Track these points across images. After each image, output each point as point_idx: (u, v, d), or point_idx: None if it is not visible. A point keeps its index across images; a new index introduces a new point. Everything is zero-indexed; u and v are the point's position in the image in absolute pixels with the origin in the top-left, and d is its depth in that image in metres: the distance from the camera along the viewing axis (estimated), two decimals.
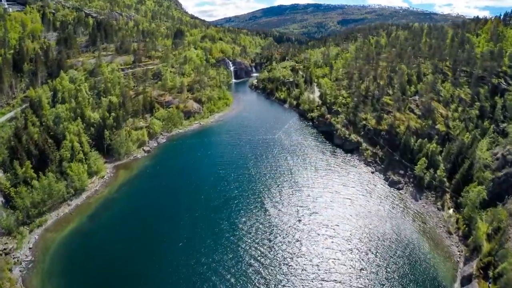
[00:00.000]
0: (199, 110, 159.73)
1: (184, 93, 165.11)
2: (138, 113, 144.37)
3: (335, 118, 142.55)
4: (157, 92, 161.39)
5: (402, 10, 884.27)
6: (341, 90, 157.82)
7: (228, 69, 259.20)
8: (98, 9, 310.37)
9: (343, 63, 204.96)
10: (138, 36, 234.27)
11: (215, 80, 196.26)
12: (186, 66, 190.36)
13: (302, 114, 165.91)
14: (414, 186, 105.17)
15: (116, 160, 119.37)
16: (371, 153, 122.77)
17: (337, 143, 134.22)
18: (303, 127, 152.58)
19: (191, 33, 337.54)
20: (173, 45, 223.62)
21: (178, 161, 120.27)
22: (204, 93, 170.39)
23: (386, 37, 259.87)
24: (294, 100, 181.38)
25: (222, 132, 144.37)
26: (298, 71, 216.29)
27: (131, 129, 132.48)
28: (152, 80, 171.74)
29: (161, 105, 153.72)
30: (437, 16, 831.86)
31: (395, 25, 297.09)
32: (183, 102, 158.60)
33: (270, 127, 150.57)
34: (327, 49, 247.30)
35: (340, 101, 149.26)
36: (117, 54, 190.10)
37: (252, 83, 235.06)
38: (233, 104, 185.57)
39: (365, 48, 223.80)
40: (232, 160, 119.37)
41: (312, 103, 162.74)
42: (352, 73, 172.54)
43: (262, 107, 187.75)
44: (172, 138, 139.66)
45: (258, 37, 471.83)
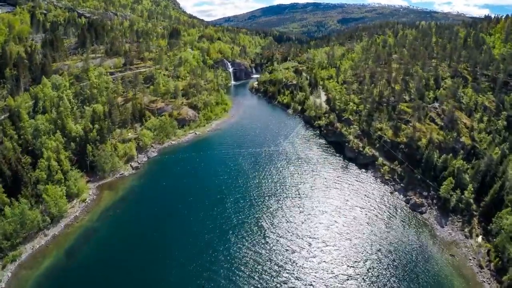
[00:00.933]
0: (194, 118, 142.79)
1: (178, 99, 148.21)
2: (126, 122, 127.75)
3: (346, 127, 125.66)
4: (148, 98, 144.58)
5: (402, 8, 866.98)
6: (351, 95, 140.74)
7: (227, 70, 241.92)
8: (92, 9, 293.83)
9: (350, 64, 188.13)
10: (132, 36, 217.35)
11: (212, 83, 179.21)
12: (181, 69, 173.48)
13: (308, 121, 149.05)
14: (438, 208, 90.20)
15: (101, 179, 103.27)
16: (388, 169, 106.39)
17: (349, 156, 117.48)
18: (309, 137, 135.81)
19: (189, 32, 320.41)
20: (168, 46, 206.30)
21: (169, 181, 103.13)
22: (200, 98, 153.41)
23: (393, 36, 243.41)
24: (298, 105, 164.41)
25: (220, 144, 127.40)
26: (302, 73, 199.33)
27: (117, 142, 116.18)
28: (143, 84, 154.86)
29: (153, 113, 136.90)
30: (437, 14, 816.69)
31: (401, 24, 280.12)
32: (177, 109, 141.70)
33: (273, 137, 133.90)
34: (331, 49, 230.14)
35: (351, 108, 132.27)
36: (106, 56, 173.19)
37: (253, 86, 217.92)
38: (232, 109, 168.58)
39: (373, 48, 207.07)
40: (231, 179, 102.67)
41: (319, 109, 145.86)
42: (362, 76, 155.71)
43: (264, 112, 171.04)
44: (164, 151, 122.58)
45: (258, 36, 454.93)
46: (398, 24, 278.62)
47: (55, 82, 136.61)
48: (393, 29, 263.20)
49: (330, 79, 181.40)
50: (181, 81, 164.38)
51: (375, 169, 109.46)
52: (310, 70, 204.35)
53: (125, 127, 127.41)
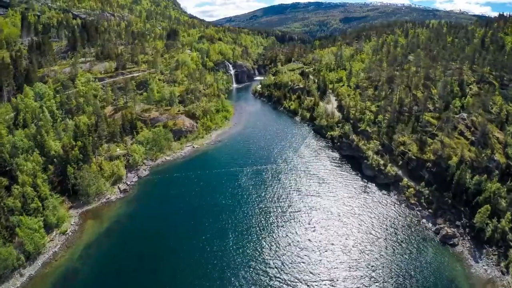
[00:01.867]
0: (192, 128, 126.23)
1: (174, 107, 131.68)
2: (115, 136, 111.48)
3: (364, 141, 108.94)
4: (141, 106, 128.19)
5: (405, 7, 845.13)
6: (367, 102, 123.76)
7: (228, 73, 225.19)
8: (87, 10, 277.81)
9: (362, 66, 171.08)
10: (127, 38, 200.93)
11: (212, 88, 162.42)
12: (178, 72, 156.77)
13: (318, 131, 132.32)
14: (472, 239, 75.75)
15: (84, 204, 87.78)
16: (414, 191, 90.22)
17: (368, 174, 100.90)
18: (321, 149, 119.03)
19: (189, 33, 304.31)
20: (165, 48, 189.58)
21: (161, 208, 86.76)
22: (199, 106, 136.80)
23: (403, 35, 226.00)
24: (306, 112, 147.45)
25: (220, 160, 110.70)
26: (309, 75, 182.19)
27: (104, 161, 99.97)
28: (136, 91, 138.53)
29: (145, 124, 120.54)
30: (440, 12, 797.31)
31: (410, 22, 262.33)
32: (173, 119, 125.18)
33: (281, 150, 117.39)
34: (338, 49, 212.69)
35: (368, 118, 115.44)
36: (97, 60, 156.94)
37: (256, 89, 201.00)
38: (234, 117, 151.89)
39: (384, 48, 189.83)
40: (233, 206, 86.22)
41: (330, 117, 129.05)
42: (377, 80, 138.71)
43: (269, 120, 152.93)
44: (157, 169, 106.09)
45: (260, 36, 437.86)
46: (407, 23, 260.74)
47: (39, 91, 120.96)
48: (403, 28, 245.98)
49: (340, 82, 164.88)
50: (178, 87, 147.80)
51: (398, 191, 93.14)
52: (317, 72, 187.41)
53: (113, 141, 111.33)
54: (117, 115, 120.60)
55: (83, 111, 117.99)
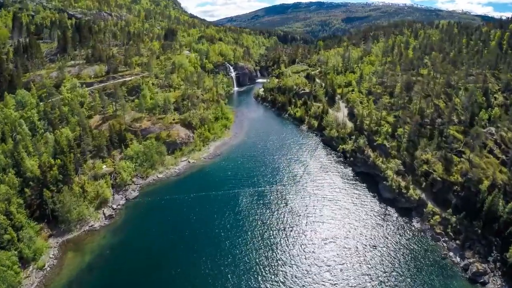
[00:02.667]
0: (188, 140, 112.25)
1: (168, 115, 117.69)
2: (101, 150, 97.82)
3: (382, 158, 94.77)
4: (131, 115, 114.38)
5: (407, 7, 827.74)
6: (382, 111, 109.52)
7: (229, 75, 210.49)
8: (84, 10, 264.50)
9: (371, 69, 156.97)
10: (123, 38, 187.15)
11: (211, 93, 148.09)
12: (173, 76, 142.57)
13: (327, 143, 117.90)
14: (503, 275, 63.53)
15: (65, 233, 74.90)
16: (439, 219, 76.40)
17: (387, 197, 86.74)
18: (332, 165, 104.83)
19: (189, 33, 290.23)
20: (162, 49, 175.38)
21: (151, 239, 72.74)
22: (196, 114, 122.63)
23: (412, 36, 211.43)
24: (314, 120, 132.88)
25: (218, 178, 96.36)
26: (315, 79, 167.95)
27: (87, 181, 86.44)
28: (128, 97, 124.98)
29: (136, 135, 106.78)
30: (442, 12, 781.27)
31: (419, 22, 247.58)
32: (167, 129, 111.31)
33: (287, 167, 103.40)
34: (345, 51, 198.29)
35: (385, 130, 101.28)
36: (87, 63, 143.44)
37: (258, 93, 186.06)
38: (234, 125, 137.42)
39: (395, 50, 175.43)
40: (234, 238, 72.49)
41: (341, 127, 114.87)
42: (391, 86, 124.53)
43: (273, 129, 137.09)
44: (148, 189, 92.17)
45: (262, 36, 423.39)
46: (416, 23, 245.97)
47: (21, 99, 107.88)
48: (411, 29, 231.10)
49: (349, 86, 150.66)
50: (173, 92, 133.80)
51: (422, 218, 79.28)
52: (324, 75, 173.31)
53: (99, 156, 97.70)
54: (105, 126, 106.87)
55: (67, 121, 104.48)
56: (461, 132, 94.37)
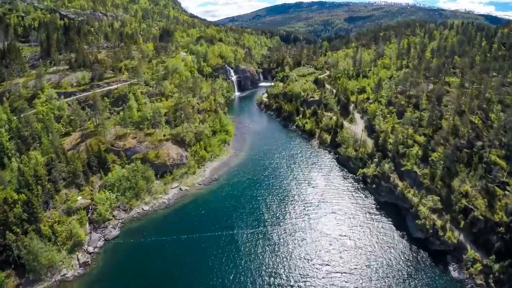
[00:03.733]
0: (180, 160, 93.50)
1: (158, 131, 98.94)
2: (77, 176, 79.52)
3: (413, 190, 75.99)
4: (115, 131, 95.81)
5: (410, 6, 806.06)
6: (408, 128, 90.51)
7: (229, 79, 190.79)
8: (77, 10, 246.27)
9: (387, 74, 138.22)
10: (114, 40, 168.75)
11: (208, 101, 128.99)
12: (166, 83, 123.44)
13: (344, 163, 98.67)
14: None
15: (34, 283, 59.48)
16: (480, 267, 59.57)
17: (417, 236, 68.82)
18: (351, 192, 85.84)
19: (188, 33, 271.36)
20: (155, 51, 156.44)
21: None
22: (190, 129, 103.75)
23: (426, 37, 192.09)
24: (326, 134, 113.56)
25: (215, 213, 77.12)
26: (324, 84, 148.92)
27: (59, 217, 68.79)
28: (113, 109, 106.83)
29: (119, 156, 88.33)
30: (445, 12, 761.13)
31: (432, 22, 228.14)
32: (155, 148, 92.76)
33: (298, 194, 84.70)
34: (355, 52, 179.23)
35: (415, 152, 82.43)
36: (70, 69, 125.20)
37: (261, 100, 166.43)
38: (235, 139, 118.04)
39: (413, 52, 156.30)
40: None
41: (360, 145, 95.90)
42: (415, 96, 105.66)
43: (279, 145, 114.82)
44: (131, 225, 73.89)
45: (264, 36, 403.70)
46: (429, 23, 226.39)
47: None
48: (425, 29, 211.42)
49: (363, 93, 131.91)
50: (165, 101, 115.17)
51: (460, 265, 62.22)
52: (334, 80, 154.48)
53: (75, 184, 79.47)
54: (84, 145, 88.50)
55: (40, 141, 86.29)
56: (503, 158, 76.34)
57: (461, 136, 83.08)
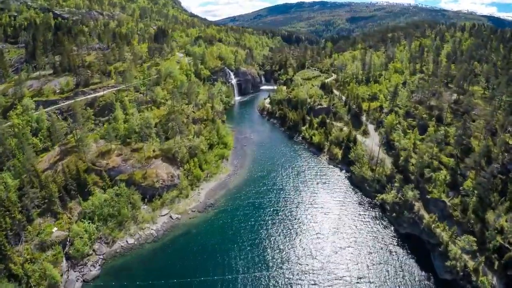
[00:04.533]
0: (171, 181, 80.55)
1: (146, 146, 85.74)
2: (53, 203, 67.04)
3: (443, 225, 63.13)
4: (98, 147, 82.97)
5: (412, 7, 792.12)
6: (434, 148, 77.53)
7: (229, 82, 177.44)
8: (72, 9, 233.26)
9: (398, 79, 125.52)
10: (107, 41, 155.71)
11: (205, 109, 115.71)
12: (158, 89, 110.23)
13: (358, 184, 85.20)
14: None
15: None
16: None
17: (445, 278, 56.95)
18: (367, 220, 72.94)
19: (188, 33, 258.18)
20: (149, 53, 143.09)
21: None
22: (183, 143, 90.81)
23: (438, 39, 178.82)
24: (337, 148, 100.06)
25: (209, 250, 64.08)
26: (332, 90, 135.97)
27: (31, 254, 56.59)
28: (98, 119, 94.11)
29: (101, 177, 75.67)
30: (448, 12, 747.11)
31: (442, 24, 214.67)
32: (142, 167, 79.93)
33: (307, 223, 71.91)
34: (362, 54, 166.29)
35: (442, 177, 69.59)
36: (54, 74, 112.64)
37: (263, 106, 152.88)
38: (234, 153, 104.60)
39: (429, 56, 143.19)
40: None
41: (377, 164, 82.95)
42: (436, 108, 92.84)
43: (284, 160, 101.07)
44: (114, 263, 61.18)
45: (265, 36, 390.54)
46: (441, 24, 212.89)
47: None
48: (436, 31, 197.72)
49: (374, 100, 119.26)
50: (156, 110, 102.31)
51: None
52: (342, 85, 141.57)
53: (51, 211, 66.99)
54: (64, 163, 75.86)
55: (17, 159, 73.65)
56: None
57: (494, 159, 70.32)
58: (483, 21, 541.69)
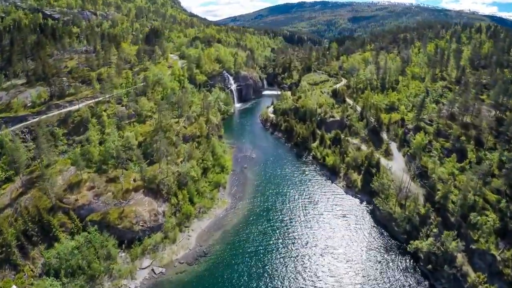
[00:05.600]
0: (155, 221, 63.76)
1: (125, 176, 69.30)
2: (9, 254, 50.83)
3: (489, 286, 46.95)
4: (68, 176, 66.48)
5: (414, 6, 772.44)
6: (479, 184, 60.80)
7: (228, 88, 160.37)
8: (64, 9, 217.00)
9: (418, 86, 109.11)
10: (95, 42, 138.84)
11: (198, 124, 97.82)
12: (143, 100, 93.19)
13: (383, 221, 68.16)
14: None
15: None
16: None
17: None
18: (398, 273, 56.07)
19: (186, 33, 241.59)
20: (137, 56, 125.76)
21: None
22: (169, 170, 74.20)
23: (454, 41, 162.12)
24: (355, 172, 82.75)
25: None
26: (345, 98, 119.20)
27: None
28: (72, 139, 77.67)
29: (69, 217, 59.39)
30: (450, 12, 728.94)
31: (457, 24, 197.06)
32: (119, 203, 63.42)
33: (324, 275, 55.32)
34: (374, 57, 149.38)
35: (492, 224, 53.23)
36: (27, 83, 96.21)
37: (267, 116, 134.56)
38: (232, 178, 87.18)
39: (447, 61, 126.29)
40: None
41: (407, 198, 66.23)
42: (472, 125, 76.26)
43: (292, 185, 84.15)
44: None
45: (266, 36, 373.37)
46: (456, 25, 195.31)
47: None
48: (451, 32, 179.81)
49: (393, 111, 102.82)
50: (140, 126, 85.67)
51: None
52: (355, 92, 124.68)
53: (10, 262, 50.94)
54: (28, 198, 59.57)
55: None
56: None
57: None
58: (487, 21, 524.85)
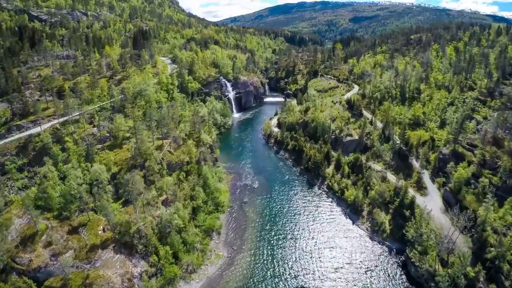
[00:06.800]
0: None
1: (92, 225, 51.90)
2: None
3: None
4: (22, 225, 49.06)
5: (415, 6, 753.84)
6: None
7: (225, 96, 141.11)
8: (52, 9, 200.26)
9: (447, 97, 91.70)
10: (78, 46, 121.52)
11: (187, 147, 77.63)
12: (119, 119, 74.56)
13: (419, 280, 50.14)
14: None
15: None
16: None
17: None
18: None
19: (183, 34, 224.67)
20: (120, 62, 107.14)
21: None
22: (152, 210, 56.80)
23: (474, 44, 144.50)
24: (382, 212, 64.87)
25: None
26: (361, 111, 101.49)
27: None
28: (32, 171, 60.35)
29: (24, 281, 42.12)
30: (452, 12, 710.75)
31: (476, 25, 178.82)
32: (84, 265, 46.03)
33: None
34: (388, 61, 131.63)
35: None
36: None
37: (270, 130, 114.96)
38: (228, 219, 69.38)
39: (480, 70, 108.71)
40: None
41: (448, 253, 48.77)
42: None
43: (304, 225, 66.13)
44: None
45: (267, 37, 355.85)
46: (474, 26, 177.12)
47: None
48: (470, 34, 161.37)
49: (418, 127, 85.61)
50: (114, 153, 68.10)
51: None
52: (371, 102, 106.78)
53: None
54: None
55: None
56: None
57: None
58: (489, 21, 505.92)
